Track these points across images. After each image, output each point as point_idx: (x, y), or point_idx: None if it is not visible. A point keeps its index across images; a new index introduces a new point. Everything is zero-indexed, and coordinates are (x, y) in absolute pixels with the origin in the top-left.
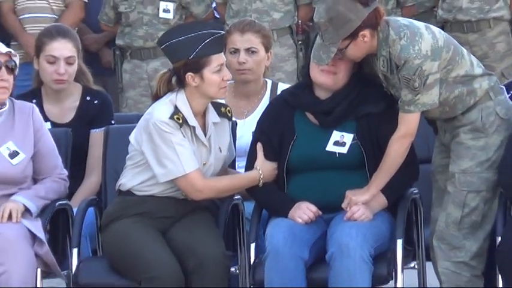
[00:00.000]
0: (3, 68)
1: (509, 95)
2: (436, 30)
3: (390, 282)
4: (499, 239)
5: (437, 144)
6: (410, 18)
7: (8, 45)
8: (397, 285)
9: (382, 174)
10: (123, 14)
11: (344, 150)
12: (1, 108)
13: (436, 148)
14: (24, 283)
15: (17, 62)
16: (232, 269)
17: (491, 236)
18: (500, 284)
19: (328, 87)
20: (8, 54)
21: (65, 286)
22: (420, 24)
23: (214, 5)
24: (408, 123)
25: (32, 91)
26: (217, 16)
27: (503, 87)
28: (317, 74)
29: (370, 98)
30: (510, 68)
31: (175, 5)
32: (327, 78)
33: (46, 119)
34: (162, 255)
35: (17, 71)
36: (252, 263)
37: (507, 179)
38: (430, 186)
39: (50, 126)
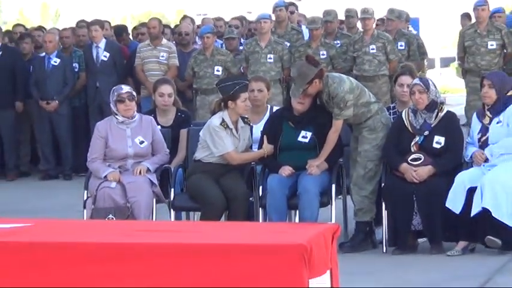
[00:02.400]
0: (126, 99)
1: (388, 112)
2: (352, 79)
3: (328, 206)
4: (383, 184)
5: (352, 137)
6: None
7: (139, 88)
8: (332, 208)
9: (325, 151)
10: (196, 72)
11: (307, 140)
12: (133, 119)
13: (351, 138)
14: (147, 206)
15: (135, 94)
16: (251, 199)
17: (379, 182)
18: (384, 207)
19: (299, 111)
20: (129, 91)
21: (167, 208)
22: (344, 76)
23: (242, 67)
24: (337, 125)
25: (151, 110)
26: (243, 72)
27: (385, 108)
28: (294, 103)
29: (320, 114)
30: (389, 100)
31: (222, 68)
32: (299, 106)
33: (158, 124)
34: (215, 191)
35: (136, 99)
36: (260, 195)
37: (386, 155)
38: (349, 159)
39: (160, 128)
